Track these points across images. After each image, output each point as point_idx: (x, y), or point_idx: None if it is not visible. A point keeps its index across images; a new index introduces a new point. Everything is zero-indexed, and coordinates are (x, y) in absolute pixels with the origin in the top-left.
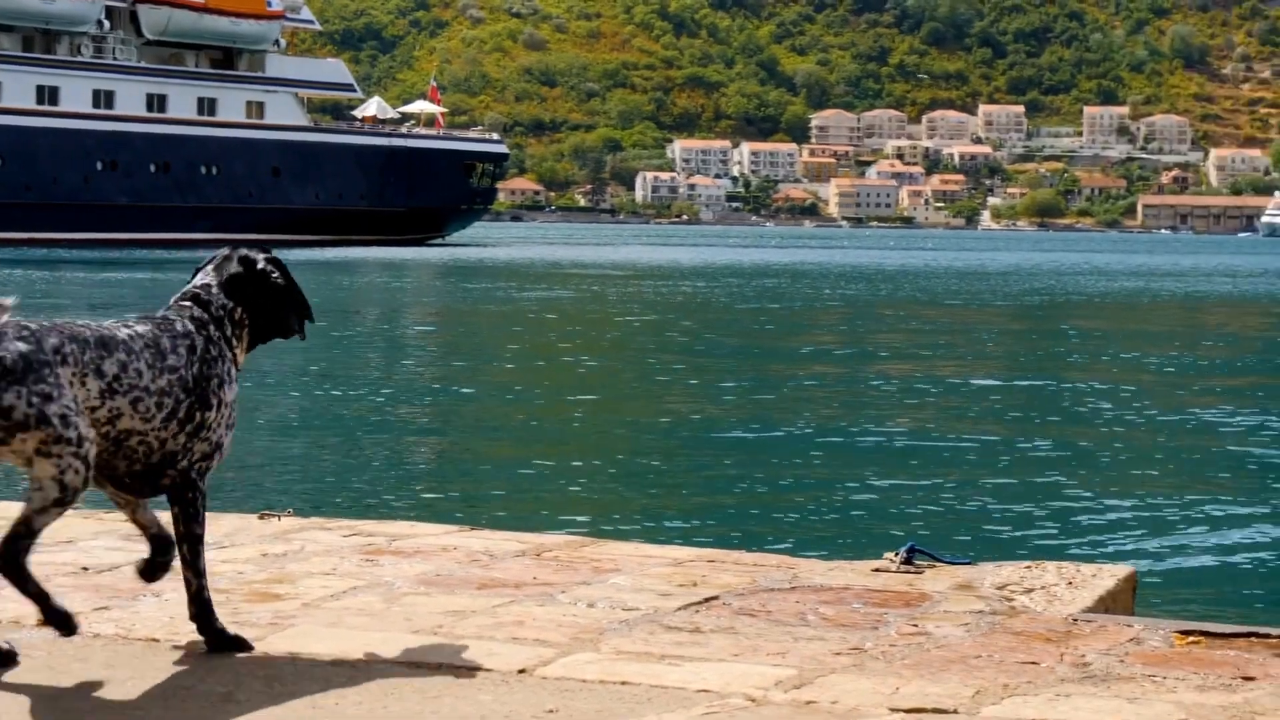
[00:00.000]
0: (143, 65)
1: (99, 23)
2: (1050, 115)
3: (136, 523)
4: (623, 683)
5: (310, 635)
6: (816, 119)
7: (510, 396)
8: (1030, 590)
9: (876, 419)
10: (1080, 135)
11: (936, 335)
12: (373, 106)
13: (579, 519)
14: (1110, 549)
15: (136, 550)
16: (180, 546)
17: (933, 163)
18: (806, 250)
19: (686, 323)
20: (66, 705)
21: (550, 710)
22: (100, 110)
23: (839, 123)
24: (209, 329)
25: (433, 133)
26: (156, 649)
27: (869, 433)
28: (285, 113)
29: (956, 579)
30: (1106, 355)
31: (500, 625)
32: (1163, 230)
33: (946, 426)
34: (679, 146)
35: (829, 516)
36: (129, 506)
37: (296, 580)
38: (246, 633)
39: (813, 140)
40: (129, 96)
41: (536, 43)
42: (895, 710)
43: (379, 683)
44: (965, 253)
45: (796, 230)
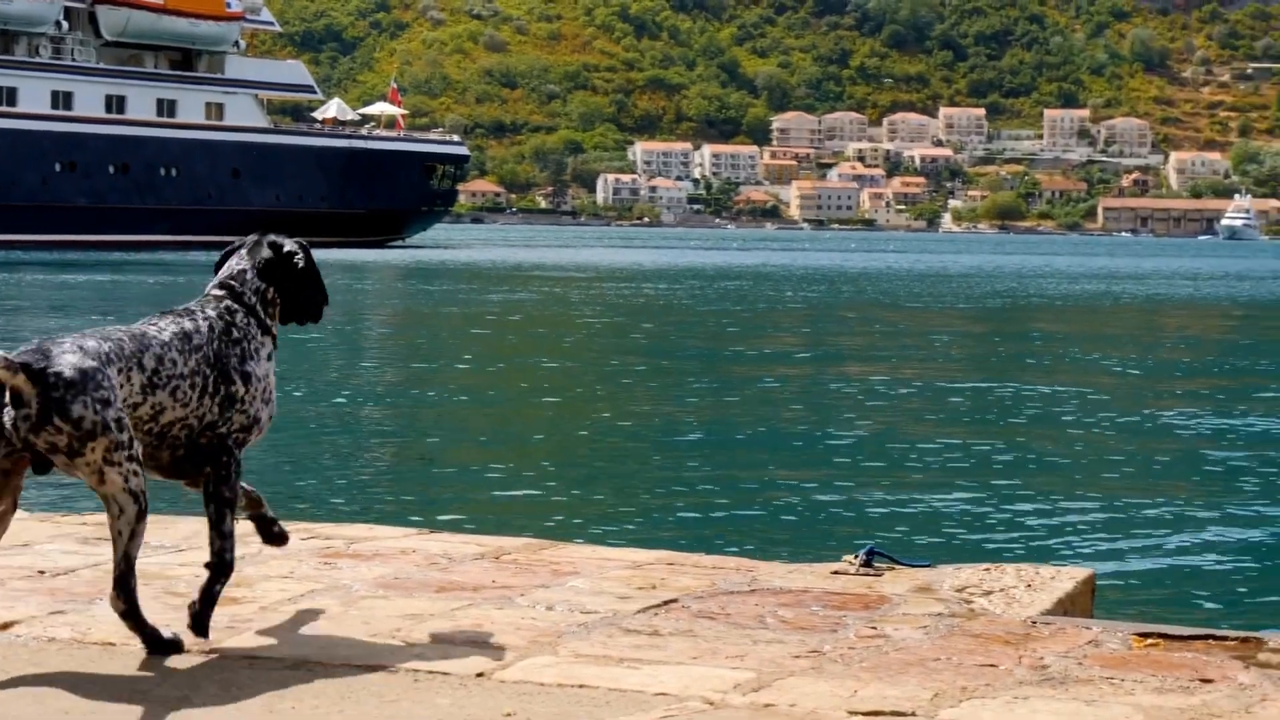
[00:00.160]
0: (101, 66)
1: (57, 23)
2: (1011, 118)
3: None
4: (581, 686)
5: (268, 638)
6: (778, 121)
7: (470, 399)
8: (989, 593)
9: (837, 421)
10: (1041, 138)
11: (898, 338)
12: (333, 108)
13: (538, 522)
14: (1069, 551)
15: (93, 554)
16: (208, 508)
17: (894, 165)
18: (768, 252)
19: (648, 325)
20: (20, 710)
21: (508, 714)
22: (59, 111)
23: (800, 125)
24: (236, 314)
25: (393, 134)
26: (112, 652)
27: (829, 435)
28: (245, 114)
29: (916, 581)
30: (1067, 358)
31: (459, 628)
32: (1123, 233)
33: (907, 429)
34: (640, 149)
35: (789, 519)
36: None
37: (254, 583)
38: None
39: (774, 142)
40: (87, 97)
41: (497, 44)
42: (854, 713)
43: (336, 686)
44: (927, 255)
45: (758, 232)
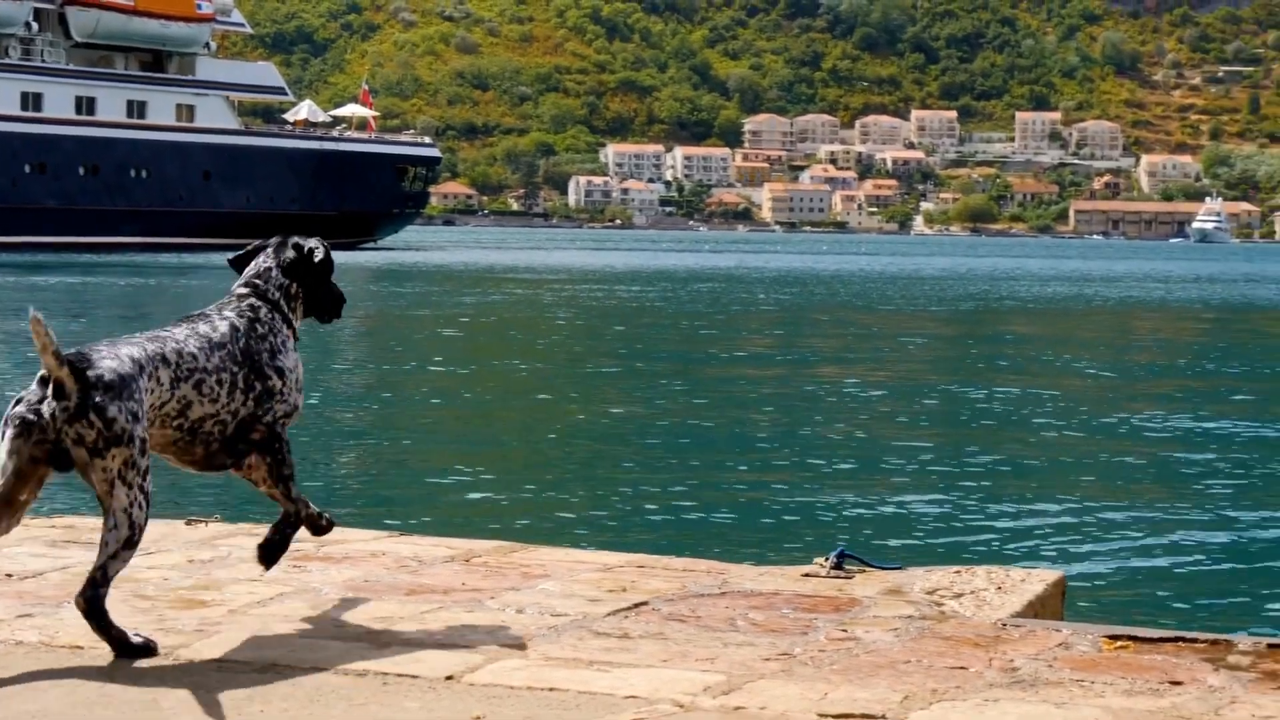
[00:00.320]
0: (71, 67)
1: (27, 24)
2: (983, 121)
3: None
4: (551, 689)
5: (236, 642)
6: (749, 123)
7: (442, 401)
8: (960, 595)
9: (809, 424)
10: (1012, 141)
11: (869, 340)
12: (304, 110)
13: (509, 524)
14: (1040, 554)
15: (61, 557)
16: (275, 489)
17: (866, 168)
18: (740, 254)
19: (620, 327)
20: None
21: (477, 717)
22: (28, 112)
23: (772, 127)
24: (260, 310)
25: (364, 136)
26: (80, 656)
27: (801, 438)
28: (216, 116)
29: (886, 584)
30: (1038, 361)
31: (428, 631)
32: (1094, 236)
33: (878, 432)
34: (612, 151)
35: (760, 522)
36: (263, 483)
37: (223, 587)
38: (171, 640)
39: (746, 145)
40: (57, 99)
41: (469, 46)
42: (824, 716)
43: (305, 689)
44: (899, 258)
45: (730, 235)
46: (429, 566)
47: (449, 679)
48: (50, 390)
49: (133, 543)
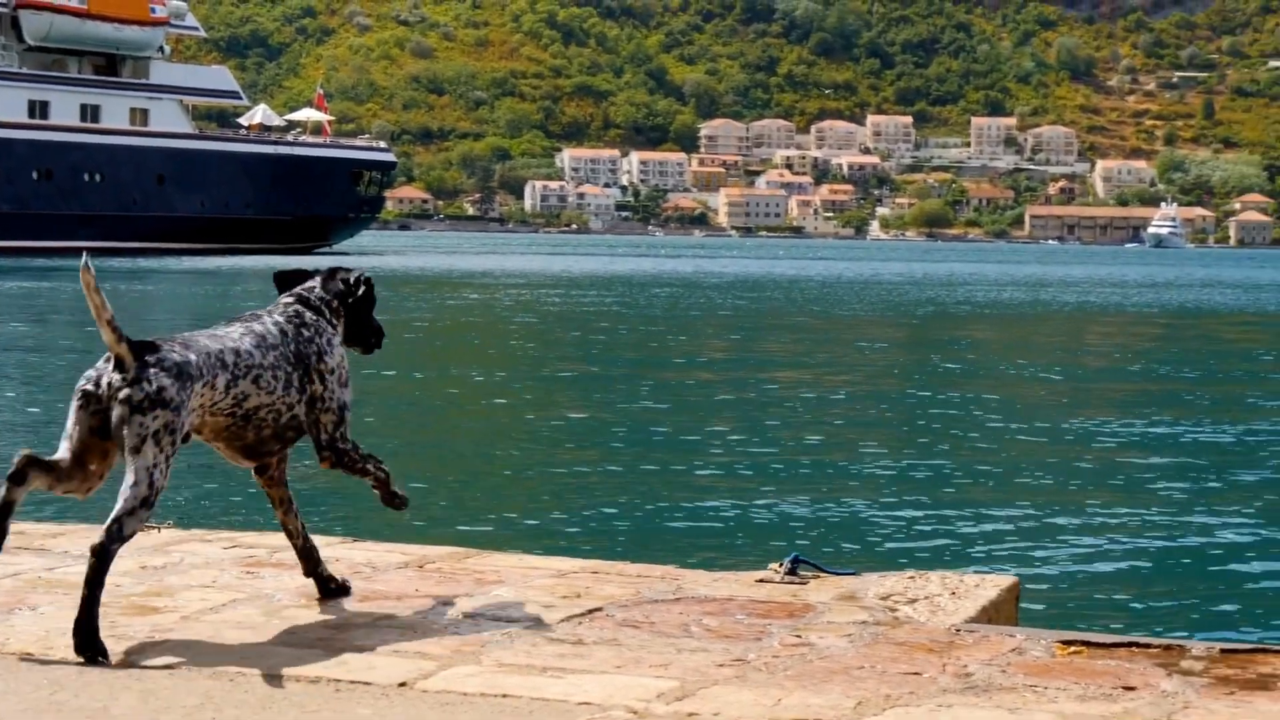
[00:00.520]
0: (24, 71)
1: None
2: (938, 126)
3: (286, 529)
4: (504, 695)
5: (188, 648)
6: (705, 128)
7: (396, 405)
8: (914, 600)
9: (763, 429)
10: (968, 146)
11: (825, 346)
12: (259, 114)
13: (463, 530)
14: (994, 559)
15: (12, 564)
16: (381, 492)
17: (821, 173)
18: (697, 260)
19: (576, 333)
20: None
21: None
22: None
23: (728, 132)
24: (304, 315)
25: (320, 141)
26: (30, 663)
27: (756, 443)
28: (170, 120)
29: (840, 589)
30: (993, 365)
31: (382, 638)
32: (1050, 241)
33: (833, 437)
34: (568, 155)
35: (714, 527)
36: (280, 507)
37: (176, 593)
38: (122, 646)
39: (702, 150)
40: (10, 102)
41: (424, 51)
42: None
43: (257, 696)
44: (855, 263)
45: (686, 240)
46: (382, 573)
47: (402, 686)
48: (113, 364)
49: (149, 503)
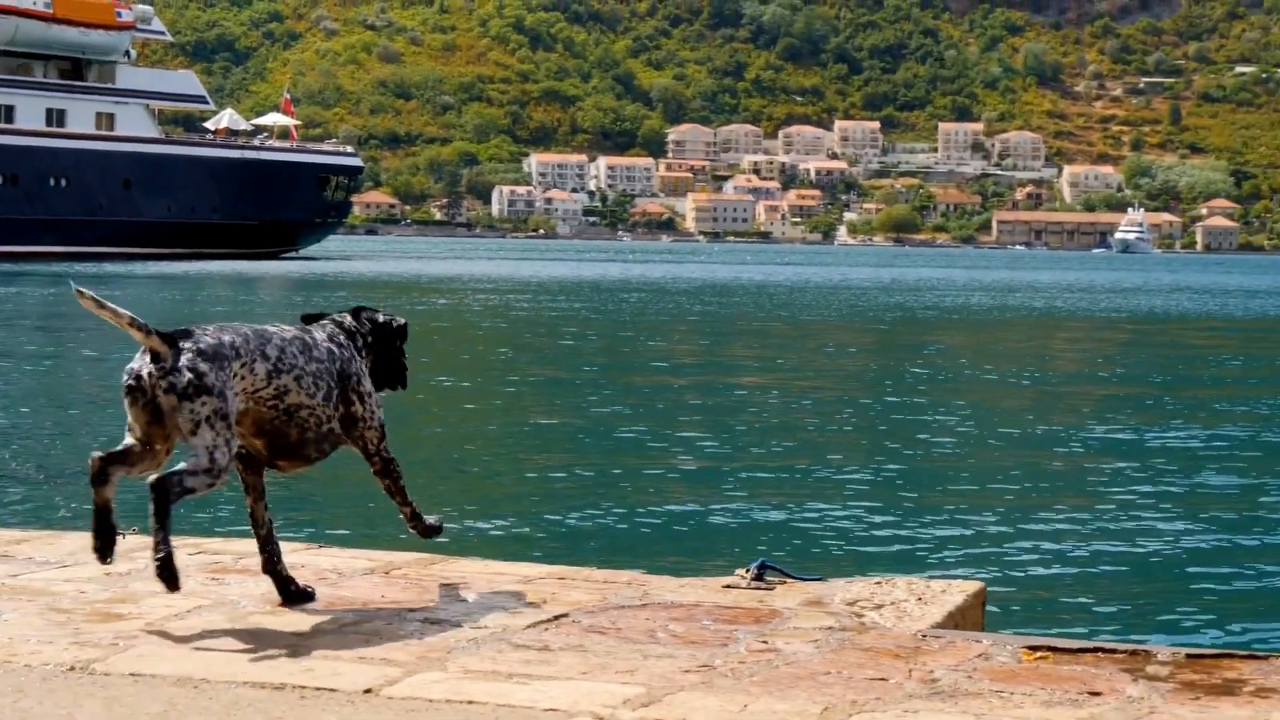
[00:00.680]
0: None
1: None
2: (905, 131)
3: (254, 516)
4: (469, 702)
5: (153, 656)
6: (673, 133)
7: None
8: (880, 606)
9: (731, 435)
10: (935, 151)
11: (793, 351)
12: (225, 119)
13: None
14: (961, 564)
15: None
16: (407, 515)
17: (789, 178)
18: (665, 265)
19: (545, 338)
20: None
21: None
22: None
23: (695, 137)
24: (341, 338)
25: (286, 145)
26: None
27: (722, 449)
28: (136, 124)
29: (807, 595)
30: (960, 371)
31: (347, 645)
32: (1017, 246)
33: (800, 442)
34: (535, 160)
35: (681, 533)
36: (254, 494)
37: (140, 600)
38: (88, 653)
39: (669, 155)
40: None
41: (391, 55)
42: None
43: (221, 703)
44: (823, 268)
45: (654, 245)
46: (348, 579)
47: (367, 692)
48: (149, 357)
49: (212, 473)
